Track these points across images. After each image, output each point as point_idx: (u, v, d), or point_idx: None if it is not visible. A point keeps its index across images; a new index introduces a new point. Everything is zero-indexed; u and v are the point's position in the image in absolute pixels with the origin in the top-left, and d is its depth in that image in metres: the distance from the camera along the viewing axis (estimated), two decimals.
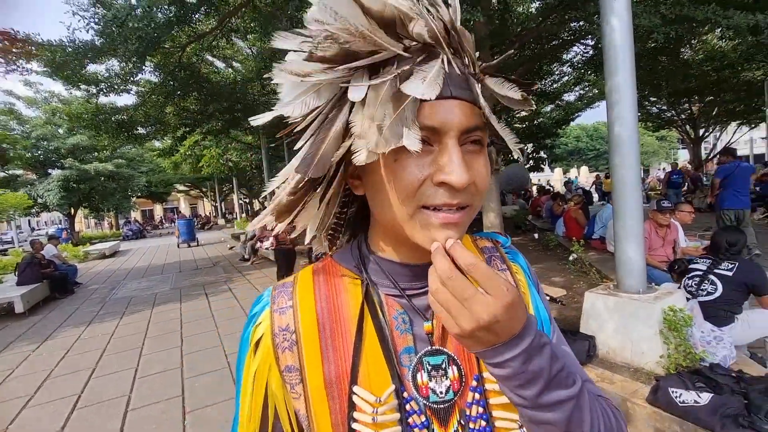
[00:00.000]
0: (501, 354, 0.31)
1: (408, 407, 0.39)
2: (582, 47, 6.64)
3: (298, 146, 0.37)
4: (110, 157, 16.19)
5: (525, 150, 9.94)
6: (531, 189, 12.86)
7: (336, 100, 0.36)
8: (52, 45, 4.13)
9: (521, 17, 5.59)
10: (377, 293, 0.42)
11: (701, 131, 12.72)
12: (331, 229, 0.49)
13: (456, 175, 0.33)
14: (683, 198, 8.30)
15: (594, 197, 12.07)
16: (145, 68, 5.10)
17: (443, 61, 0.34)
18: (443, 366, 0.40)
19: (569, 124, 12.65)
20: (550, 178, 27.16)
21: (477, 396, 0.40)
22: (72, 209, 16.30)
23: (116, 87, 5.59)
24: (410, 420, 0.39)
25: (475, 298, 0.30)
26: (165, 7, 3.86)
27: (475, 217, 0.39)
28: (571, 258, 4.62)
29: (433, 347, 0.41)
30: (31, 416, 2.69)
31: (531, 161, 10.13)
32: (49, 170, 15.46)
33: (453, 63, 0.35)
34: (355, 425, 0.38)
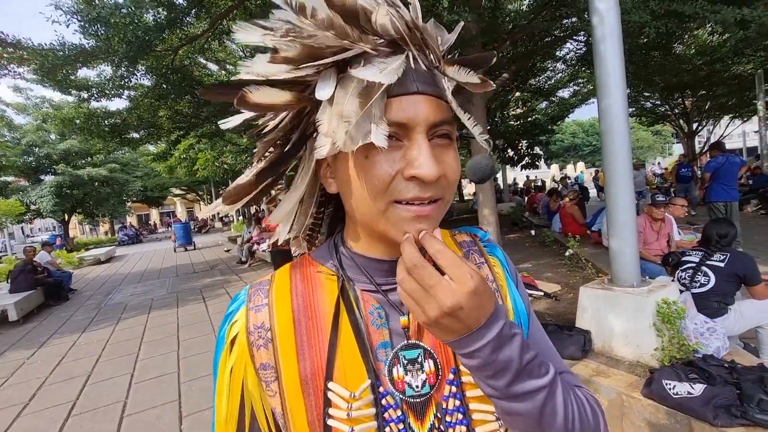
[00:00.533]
0: (469, 344, 0.31)
1: (384, 402, 0.39)
2: (575, 44, 6.67)
3: (267, 130, 0.38)
4: (104, 162, 16.06)
5: (521, 147, 9.97)
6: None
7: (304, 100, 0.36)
8: (43, 49, 4.09)
9: (512, 15, 5.60)
10: (353, 289, 0.42)
11: (695, 125, 12.82)
12: (309, 230, 0.49)
13: (426, 169, 0.33)
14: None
15: (592, 193, 12.12)
16: (138, 72, 5.06)
17: (408, 57, 0.34)
18: (419, 360, 0.40)
19: (564, 121, 12.71)
20: (547, 175, 27.27)
21: (453, 389, 0.40)
22: (66, 215, 16.16)
23: (108, 92, 5.55)
24: (386, 415, 0.38)
25: (440, 285, 0.30)
26: (154, 10, 3.83)
27: (472, 213, 0.40)
28: (568, 253, 4.64)
29: (409, 341, 0.41)
30: (26, 424, 2.66)
31: (526, 158, 10.17)
32: (42, 176, 15.31)
33: (418, 59, 0.35)
34: (331, 421, 0.38)
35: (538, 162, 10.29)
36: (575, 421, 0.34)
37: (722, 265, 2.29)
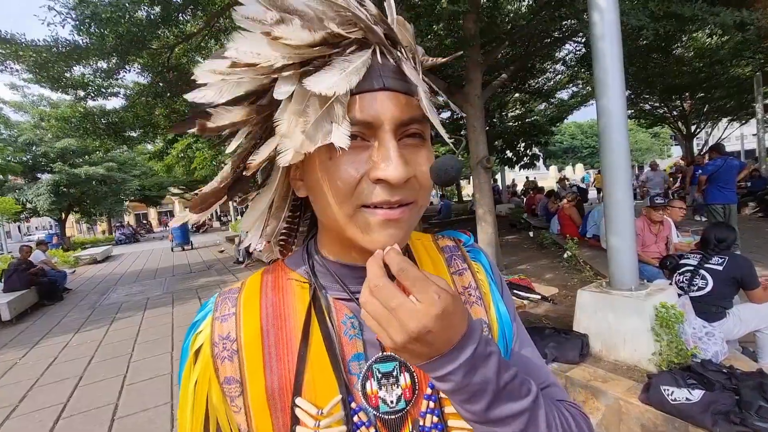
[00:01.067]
0: (440, 367, 0.28)
1: (356, 419, 0.36)
2: (574, 45, 6.66)
3: (231, 148, 0.35)
4: (102, 161, 15.97)
5: (519, 148, 9.96)
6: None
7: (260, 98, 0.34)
8: (37, 45, 4.04)
9: (511, 15, 5.59)
10: (325, 297, 0.40)
11: (693, 128, 12.86)
12: (284, 234, 0.47)
13: (392, 171, 0.31)
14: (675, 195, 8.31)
15: (592, 194, 12.10)
16: (130, 69, 5.02)
17: (374, 52, 0.32)
18: (394, 373, 0.38)
19: (563, 122, 12.72)
20: (545, 176, 27.27)
21: (432, 404, 0.38)
22: (63, 214, 16.07)
23: (104, 90, 5.49)
24: None
25: (403, 307, 0.27)
26: (147, 7, 3.79)
27: (470, 213, 0.38)
28: (566, 255, 4.62)
29: (384, 353, 0.38)
30: (15, 427, 2.61)
31: (525, 158, 10.16)
32: (39, 175, 15.21)
33: (386, 53, 0.33)
34: None
35: (537, 162, 10.28)
36: None
37: (720, 269, 2.27)
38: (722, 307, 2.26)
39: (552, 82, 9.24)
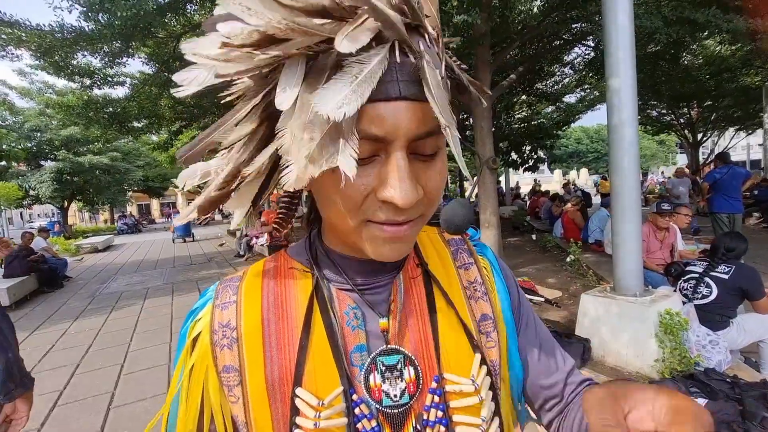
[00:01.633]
0: None
1: (357, 411, 0.35)
2: (583, 48, 6.61)
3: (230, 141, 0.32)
4: (106, 150, 16.00)
5: (524, 151, 9.92)
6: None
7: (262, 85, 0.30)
8: (42, 30, 4.02)
9: (522, 15, 5.55)
10: (327, 287, 0.39)
11: (699, 136, 12.78)
12: (281, 215, 0.46)
13: (400, 194, 0.28)
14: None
15: (595, 199, 12.03)
16: (134, 54, 4.99)
17: (392, 48, 0.27)
18: (398, 367, 0.37)
19: (569, 126, 12.66)
20: (550, 180, 27.15)
21: (436, 399, 0.36)
22: (65, 202, 16.11)
23: (110, 79, 5.48)
24: (359, 426, 0.34)
25: None
26: None
27: (473, 216, 0.35)
28: (569, 259, 4.59)
29: (389, 346, 0.37)
30: None
31: (530, 161, 10.12)
32: (42, 162, 15.24)
33: (406, 48, 0.27)
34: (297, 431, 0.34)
35: (541, 165, 10.25)
36: None
37: (726, 278, 2.23)
38: (726, 316, 2.23)
39: (560, 86, 9.19)
